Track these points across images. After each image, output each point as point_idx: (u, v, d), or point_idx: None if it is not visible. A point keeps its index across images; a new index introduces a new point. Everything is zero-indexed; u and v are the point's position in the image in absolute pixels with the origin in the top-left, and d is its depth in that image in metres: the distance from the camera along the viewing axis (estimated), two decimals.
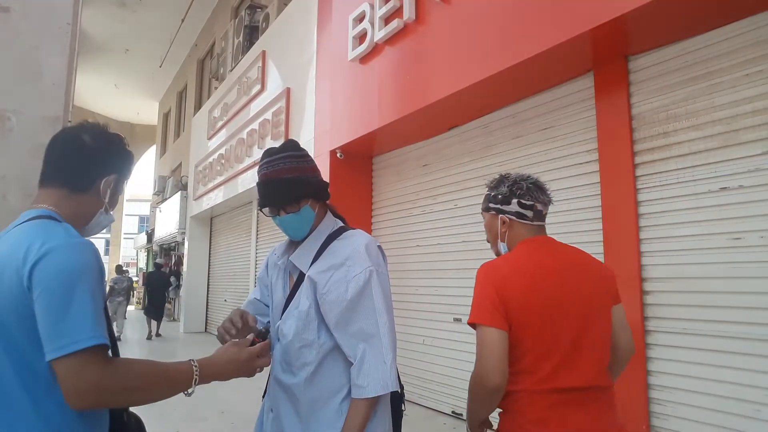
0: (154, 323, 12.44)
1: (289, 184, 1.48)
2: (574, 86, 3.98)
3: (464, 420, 4.81)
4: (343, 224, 1.63)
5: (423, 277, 5.54)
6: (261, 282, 1.72)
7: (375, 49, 5.61)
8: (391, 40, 5.35)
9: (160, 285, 12.92)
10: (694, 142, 3.17)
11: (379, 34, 5.39)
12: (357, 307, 1.43)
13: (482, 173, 4.85)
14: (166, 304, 13.77)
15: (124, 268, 13.20)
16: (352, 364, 1.44)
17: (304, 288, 1.50)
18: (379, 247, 1.56)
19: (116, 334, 13.29)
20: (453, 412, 4.96)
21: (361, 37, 5.81)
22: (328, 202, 1.64)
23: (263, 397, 1.67)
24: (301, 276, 1.53)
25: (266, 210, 1.53)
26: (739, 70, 2.99)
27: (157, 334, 12.38)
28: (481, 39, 4.12)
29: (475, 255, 4.85)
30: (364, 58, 5.79)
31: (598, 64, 3.73)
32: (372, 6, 5.56)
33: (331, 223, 1.61)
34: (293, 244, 1.60)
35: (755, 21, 2.95)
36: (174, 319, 15.63)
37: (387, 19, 5.35)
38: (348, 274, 1.45)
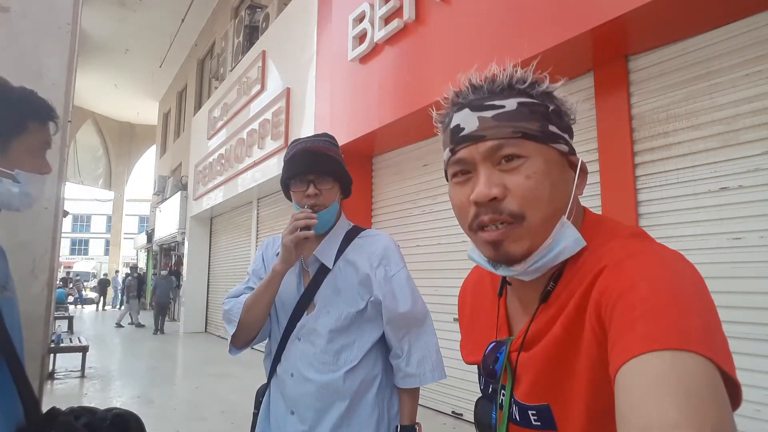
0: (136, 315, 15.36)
1: (329, 159, 1.51)
2: (574, 86, 3.97)
3: (464, 420, 4.81)
4: (354, 224, 1.65)
5: (423, 277, 5.53)
6: (256, 275, 1.65)
7: (375, 49, 5.61)
8: (391, 40, 5.35)
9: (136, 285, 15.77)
10: (693, 142, 3.17)
11: (379, 34, 5.39)
12: (401, 298, 1.49)
13: None
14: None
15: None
16: (384, 354, 1.52)
17: (352, 286, 1.50)
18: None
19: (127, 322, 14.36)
20: (453, 412, 4.96)
21: (361, 37, 5.81)
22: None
23: (259, 400, 1.63)
24: (322, 272, 1.52)
25: (296, 181, 1.50)
26: (739, 70, 2.99)
27: (131, 322, 15.10)
28: (481, 39, 4.12)
29: None
30: (364, 58, 5.79)
31: (598, 64, 3.73)
32: (372, 6, 5.56)
33: (345, 221, 1.63)
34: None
35: (755, 21, 2.95)
36: (174, 319, 15.64)
37: (387, 19, 5.35)
38: (387, 273, 1.51)
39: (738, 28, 3.01)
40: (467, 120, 0.75)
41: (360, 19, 5.81)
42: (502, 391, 0.82)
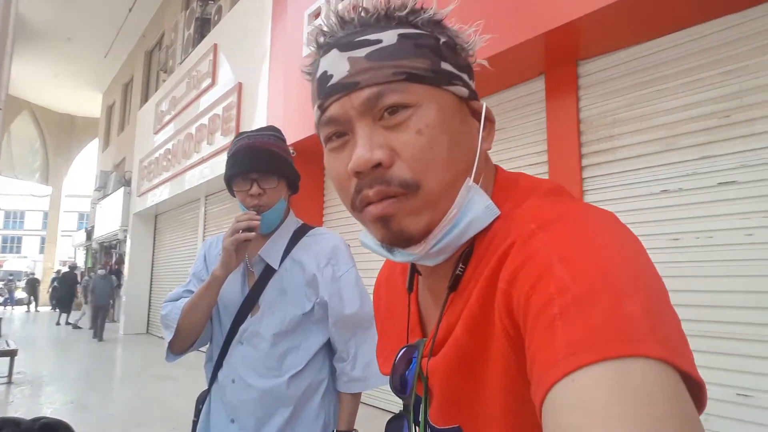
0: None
1: (273, 155, 1.43)
2: (526, 88, 4.04)
3: None
4: (303, 222, 1.59)
5: (374, 277, 5.50)
6: (197, 277, 1.56)
7: None
8: None
9: (68, 283, 15.90)
10: (637, 146, 3.27)
11: None
12: (348, 300, 1.44)
13: None
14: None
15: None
16: (331, 358, 1.48)
17: (298, 286, 1.43)
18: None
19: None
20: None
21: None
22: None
23: (199, 408, 1.54)
24: (267, 272, 1.46)
25: (238, 179, 1.42)
26: (681, 78, 3.11)
27: (67, 323, 15.01)
28: None
29: None
30: None
31: (549, 67, 3.80)
32: (329, 3, 5.50)
33: (294, 220, 1.56)
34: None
35: (695, 31, 3.07)
36: (114, 320, 14.97)
37: None
38: (335, 273, 1.45)
39: (680, 37, 3.14)
40: (335, 64, 0.56)
41: (316, 15, 5.74)
42: (418, 407, 0.66)
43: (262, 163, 1.41)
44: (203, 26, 10.35)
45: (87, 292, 14.13)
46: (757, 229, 2.67)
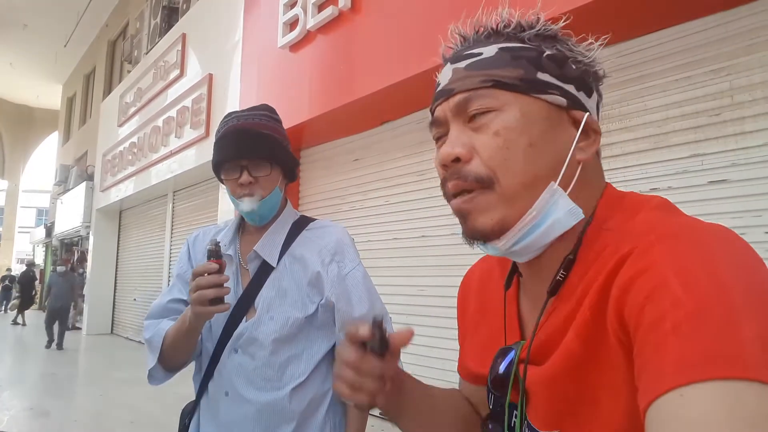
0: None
1: (265, 139, 1.27)
2: None
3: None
4: (301, 214, 1.45)
5: (377, 276, 5.37)
6: (182, 279, 1.38)
7: (307, 37, 5.37)
8: (324, 28, 5.13)
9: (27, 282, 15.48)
10: (626, 143, 3.23)
11: (312, 22, 5.16)
12: (357, 301, 1.29)
13: (415, 169, 4.75)
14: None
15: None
16: (333, 365, 1.32)
17: (300, 286, 1.28)
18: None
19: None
20: (381, 413, 4.83)
21: (292, 24, 5.55)
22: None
23: (185, 423, 1.37)
24: (264, 271, 1.30)
25: (226, 166, 1.27)
26: (669, 75, 3.08)
27: (23, 323, 14.81)
28: (418, 32, 4.01)
29: (405, 252, 4.74)
30: (294, 46, 5.54)
31: None
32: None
33: (292, 211, 1.41)
34: (242, 233, 1.34)
35: (684, 29, 3.04)
36: (75, 327, 14.40)
37: (321, 6, 5.13)
38: (341, 271, 1.29)
39: (669, 34, 3.10)
40: (444, 74, 0.66)
41: (291, 4, 5.55)
42: (513, 411, 0.66)
43: (252, 149, 1.26)
44: (171, 15, 9.98)
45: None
46: (749, 228, 2.65)
